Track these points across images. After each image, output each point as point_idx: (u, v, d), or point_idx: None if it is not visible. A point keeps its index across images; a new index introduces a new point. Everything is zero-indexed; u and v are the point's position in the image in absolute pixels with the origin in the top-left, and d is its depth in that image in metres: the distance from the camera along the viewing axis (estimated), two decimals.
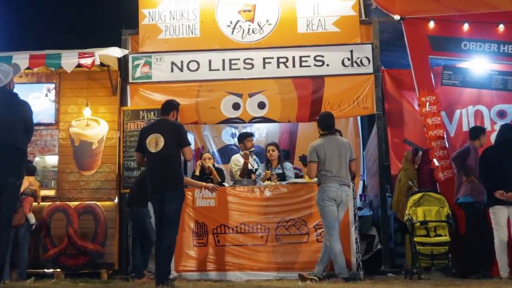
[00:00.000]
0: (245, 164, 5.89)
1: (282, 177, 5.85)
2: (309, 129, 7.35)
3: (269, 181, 5.71)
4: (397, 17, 6.14)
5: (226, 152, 7.63)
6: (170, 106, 4.70)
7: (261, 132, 7.98)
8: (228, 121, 6.66)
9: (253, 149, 5.90)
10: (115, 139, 6.48)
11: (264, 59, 6.57)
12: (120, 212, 6.35)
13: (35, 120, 4.38)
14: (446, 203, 5.09)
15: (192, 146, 7.42)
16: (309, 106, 6.48)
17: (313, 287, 4.44)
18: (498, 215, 4.73)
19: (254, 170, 6.01)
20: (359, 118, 7.92)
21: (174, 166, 4.49)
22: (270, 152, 6.02)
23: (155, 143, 4.50)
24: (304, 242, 5.31)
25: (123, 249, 6.17)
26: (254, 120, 6.63)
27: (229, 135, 7.99)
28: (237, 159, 6.21)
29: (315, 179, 5.09)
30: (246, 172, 5.87)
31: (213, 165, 5.98)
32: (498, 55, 6.05)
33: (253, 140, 6.15)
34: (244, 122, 6.65)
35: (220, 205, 5.45)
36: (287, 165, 6.05)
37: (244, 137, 6.16)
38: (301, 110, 6.50)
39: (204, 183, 5.53)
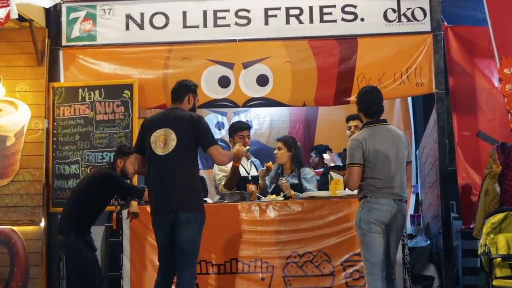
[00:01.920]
0: (235, 168, 5.79)
1: (298, 189, 5.91)
2: (335, 117, 7.54)
3: (273, 195, 5.77)
4: None
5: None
6: (184, 89, 4.85)
7: (261, 121, 8.30)
8: (213, 105, 6.72)
9: (248, 146, 5.87)
10: (41, 132, 6.54)
11: (266, 10, 6.62)
12: (48, 241, 6.39)
13: None
14: None
15: None
16: (334, 82, 6.54)
17: None
18: None
19: (250, 178, 6.05)
20: (410, 100, 8.20)
21: (190, 174, 4.66)
22: (276, 149, 6.12)
23: (164, 141, 4.65)
24: None
25: None
26: (251, 103, 6.67)
27: (213, 126, 8.18)
28: None
29: (350, 192, 5.18)
30: (235, 182, 5.88)
31: None
32: None
33: (249, 134, 6.18)
34: (236, 106, 6.73)
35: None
36: (306, 171, 6.11)
37: (237, 130, 6.08)
38: (323, 87, 6.58)
39: None
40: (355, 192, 4.96)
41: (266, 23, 6.61)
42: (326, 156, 5.72)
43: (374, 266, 4.69)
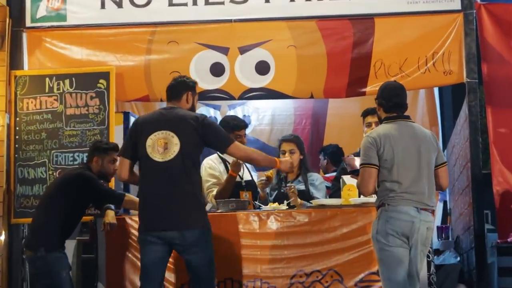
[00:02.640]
0: (231, 177, 5.89)
1: (304, 196, 5.97)
2: (348, 112, 7.62)
3: (275, 204, 5.79)
4: None
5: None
6: (181, 86, 4.98)
7: (261, 116, 8.31)
8: (204, 96, 6.70)
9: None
10: (0, 129, 6.58)
11: None
12: (9, 257, 6.38)
13: None
14: None
15: None
16: (347, 69, 6.56)
17: None
18: None
19: (243, 184, 6.10)
20: (436, 91, 8.21)
21: (195, 184, 4.81)
22: (287, 153, 6.08)
23: (164, 146, 4.73)
24: None
25: None
26: (249, 94, 6.68)
27: None
28: (212, 165, 6.16)
29: (365, 199, 5.19)
30: (230, 193, 5.92)
31: None
32: None
33: (245, 133, 6.24)
34: (231, 98, 6.77)
35: None
36: (314, 177, 6.20)
37: (234, 128, 6.05)
38: (334, 76, 6.61)
39: None
40: (373, 199, 4.99)
41: (267, 0, 6.64)
42: (348, 159, 5.75)
43: (394, 287, 4.69)
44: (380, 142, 4.77)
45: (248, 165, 6.28)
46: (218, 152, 6.16)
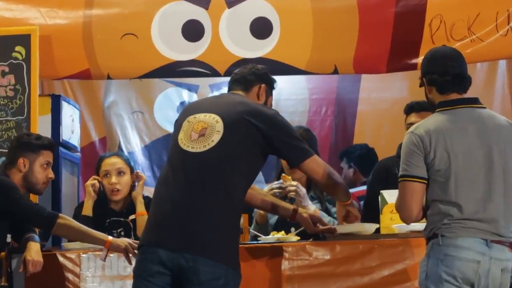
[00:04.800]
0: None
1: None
2: (392, 95, 7.81)
3: (280, 233, 5.87)
4: None
5: (164, 153, 8.01)
6: (253, 76, 5.28)
7: None
8: (173, 71, 6.92)
9: None
10: None
11: None
12: None
13: None
14: None
15: (76, 138, 7.58)
16: (388, 31, 6.67)
17: None
18: None
19: None
20: None
21: (232, 198, 4.92)
22: None
23: (200, 132, 4.96)
24: None
25: None
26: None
27: (174, 109, 8.49)
28: None
29: (418, 225, 5.16)
30: None
31: (136, 188, 6.49)
32: None
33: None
34: (215, 73, 6.90)
35: None
36: None
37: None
38: (368, 41, 6.75)
39: (110, 237, 5.71)
40: (421, 227, 5.03)
41: None
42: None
43: None
44: (429, 142, 4.77)
45: None
46: None
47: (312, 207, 6.06)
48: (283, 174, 6.14)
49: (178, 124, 5.07)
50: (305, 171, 5.19)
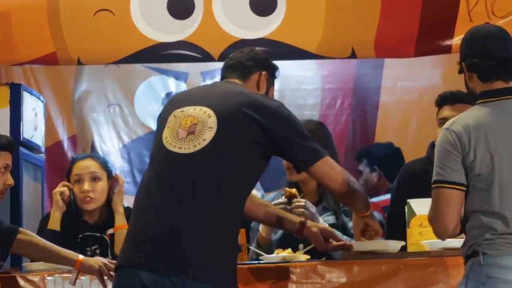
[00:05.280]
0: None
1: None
2: (420, 84, 8.04)
3: (286, 251, 5.86)
4: None
5: (147, 155, 8.29)
6: (252, 61, 5.23)
7: None
8: (157, 55, 6.96)
9: None
10: None
11: None
12: None
13: None
14: None
15: (40, 137, 7.78)
16: (417, 5, 6.72)
17: None
18: None
19: None
20: None
21: (226, 209, 4.86)
22: None
23: (189, 129, 4.91)
24: None
25: None
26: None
27: (158, 102, 8.52)
28: None
29: (454, 241, 5.16)
30: None
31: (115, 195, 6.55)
32: None
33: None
34: (208, 58, 6.95)
35: None
36: None
37: None
38: (393, 19, 6.81)
39: (81, 256, 5.71)
40: (458, 243, 5.03)
41: None
42: None
43: None
44: (468, 141, 4.76)
45: None
46: None
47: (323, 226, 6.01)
48: (286, 188, 6.11)
49: (162, 120, 4.99)
50: (315, 176, 5.02)
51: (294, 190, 6.05)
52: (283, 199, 6.06)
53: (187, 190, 4.75)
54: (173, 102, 5.13)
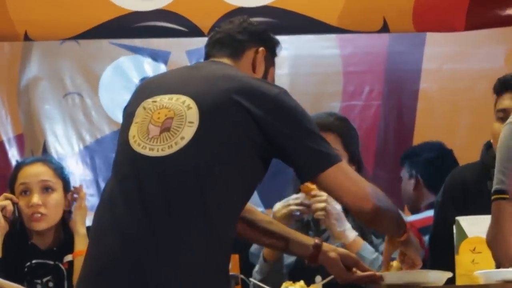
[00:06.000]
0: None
1: None
2: (474, 67, 8.06)
3: (299, 283, 5.70)
4: None
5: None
6: (248, 36, 5.18)
7: None
8: (129, 29, 7.11)
9: None
10: None
11: None
12: None
13: None
14: None
15: None
16: None
17: None
18: None
19: None
20: None
21: (213, 225, 4.75)
22: None
23: (162, 125, 4.84)
24: None
25: None
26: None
27: (130, 90, 8.48)
28: None
29: None
30: None
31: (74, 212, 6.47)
32: None
33: None
34: (195, 32, 7.05)
35: None
36: None
37: None
38: None
39: None
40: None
41: None
42: None
43: None
44: None
45: None
46: None
47: (351, 234, 6.05)
48: (306, 184, 5.87)
49: (128, 113, 4.85)
50: (326, 187, 4.74)
51: (314, 186, 5.83)
52: (300, 194, 6.06)
53: (160, 206, 4.57)
54: (143, 90, 4.95)
